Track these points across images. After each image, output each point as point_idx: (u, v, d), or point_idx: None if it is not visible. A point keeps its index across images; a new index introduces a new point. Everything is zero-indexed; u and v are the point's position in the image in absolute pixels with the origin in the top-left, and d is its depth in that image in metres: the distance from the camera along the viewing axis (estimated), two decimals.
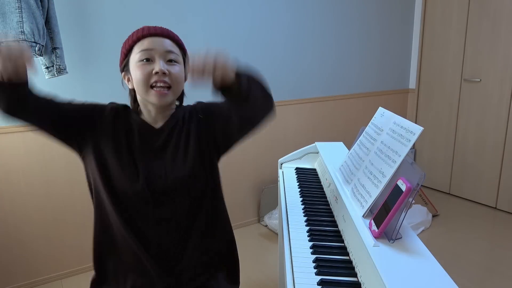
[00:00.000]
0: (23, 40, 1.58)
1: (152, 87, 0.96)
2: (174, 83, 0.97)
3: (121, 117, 1.04)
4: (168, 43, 0.99)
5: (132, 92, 1.04)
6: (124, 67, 1.02)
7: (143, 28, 0.99)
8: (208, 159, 1.04)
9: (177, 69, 0.98)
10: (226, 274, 1.14)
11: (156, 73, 0.94)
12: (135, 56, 0.97)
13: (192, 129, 1.05)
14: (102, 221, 1.03)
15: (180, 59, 1.01)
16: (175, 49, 1.00)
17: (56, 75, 1.80)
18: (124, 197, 0.98)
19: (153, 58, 0.96)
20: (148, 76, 0.95)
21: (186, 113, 1.08)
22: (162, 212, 1.00)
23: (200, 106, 1.11)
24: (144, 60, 0.96)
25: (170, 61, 0.98)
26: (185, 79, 1.03)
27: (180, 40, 1.04)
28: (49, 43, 1.75)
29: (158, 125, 1.04)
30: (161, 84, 0.95)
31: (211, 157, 1.05)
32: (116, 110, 1.04)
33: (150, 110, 1.03)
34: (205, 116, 1.07)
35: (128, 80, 1.02)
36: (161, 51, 0.96)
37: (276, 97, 2.90)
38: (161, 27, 1.00)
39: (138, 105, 1.05)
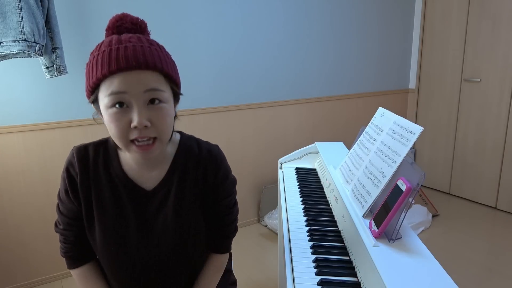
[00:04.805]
0: (23, 40, 1.58)
1: (132, 141, 0.74)
2: (160, 132, 0.75)
3: (94, 169, 0.85)
4: (148, 78, 0.72)
5: None
6: (93, 100, 0.78)
7: (109, 57, 0.70)
8: (202, 217, 0.92)
9: (163, 112, 0.74)
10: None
11: (135, 127, 0.72)
12: (104, 99, 0.72)
13: (191, 184, 0.88)
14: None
15: (166, 94, 0.75)
16: (158, 83, 0.74)
17: (56, 75, 1.80)
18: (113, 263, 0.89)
19: (128, 103, 0.72)
20: (125, 130, 0.73)
21: (190, 159, 0.88)
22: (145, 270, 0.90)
23: (217, 171, 0.90)
24: (117, 106, 0.72)
25: (152, 101, 0.73)
26: (176, 103, 0.83)
27: (164, 63, 0.75)
28: (49, 43, 1.75)
29: (149, 179, 0.85)
30: (144, 139, 0.74)
31: (204, 213, 0.92)
32: (83, 164, 0.84)
33: (135, 156, 0.82)
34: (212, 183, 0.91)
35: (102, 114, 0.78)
36: (139, 92, 0.71)
37: (276, 97, 2.92)
38: (135, 48, 0.71)
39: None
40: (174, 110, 0.81)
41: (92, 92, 0.76)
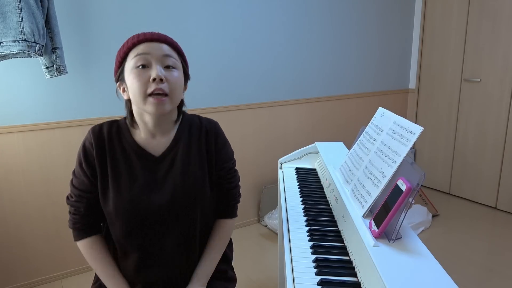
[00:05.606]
0: (23, 40, 1.58)
1: (149, 95, 0.91)
2: (172, 90, 0.93)
3: (109, 142, 0.99)
4: (165, 48, 0.95)
5: (128, 103, 1.00)
6: (119, 76, 0.98)
7: (138, 34, 0.95)
8: (207, 179, 1.04)
9: (175, 75, 0.95)
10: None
11: (154, 80, 0.90)
12: (130, 62, 0.93)
13: (196, 150, 1.03)
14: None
15: (179, 64, 0.98)
16: (173, 54, 0.96)
17: (56, 75, 1.80)
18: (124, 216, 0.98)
19: (149, 64, 0.92)
20: (145, 84, 0.91)
21: (192, 129, 1.05)
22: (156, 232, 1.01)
23: (217, 136, 1.08)
24: (140, 67, 0.92)
25: (167, 67, 0.94)
26: (185, 88, 1.02)
27: (178, 45, 1.00)
28: (49, 43, 1.75)
29: (157, 146, 1.01)
30: (159, 92, 0.91)
31: (209, 176, 1.05)
32: (98, 138, 0.99)
33: (147, 122, 0.98)
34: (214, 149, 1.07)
35: (124, 90, 0.98)
36: (158, 55, 0.93)
37: (276, 97, 2.92)
38: (158, 33, 0.97)
39: (134, 119, 1.00)
40: (183, 84, 1.00)
41: (120, 64, 0.96)
